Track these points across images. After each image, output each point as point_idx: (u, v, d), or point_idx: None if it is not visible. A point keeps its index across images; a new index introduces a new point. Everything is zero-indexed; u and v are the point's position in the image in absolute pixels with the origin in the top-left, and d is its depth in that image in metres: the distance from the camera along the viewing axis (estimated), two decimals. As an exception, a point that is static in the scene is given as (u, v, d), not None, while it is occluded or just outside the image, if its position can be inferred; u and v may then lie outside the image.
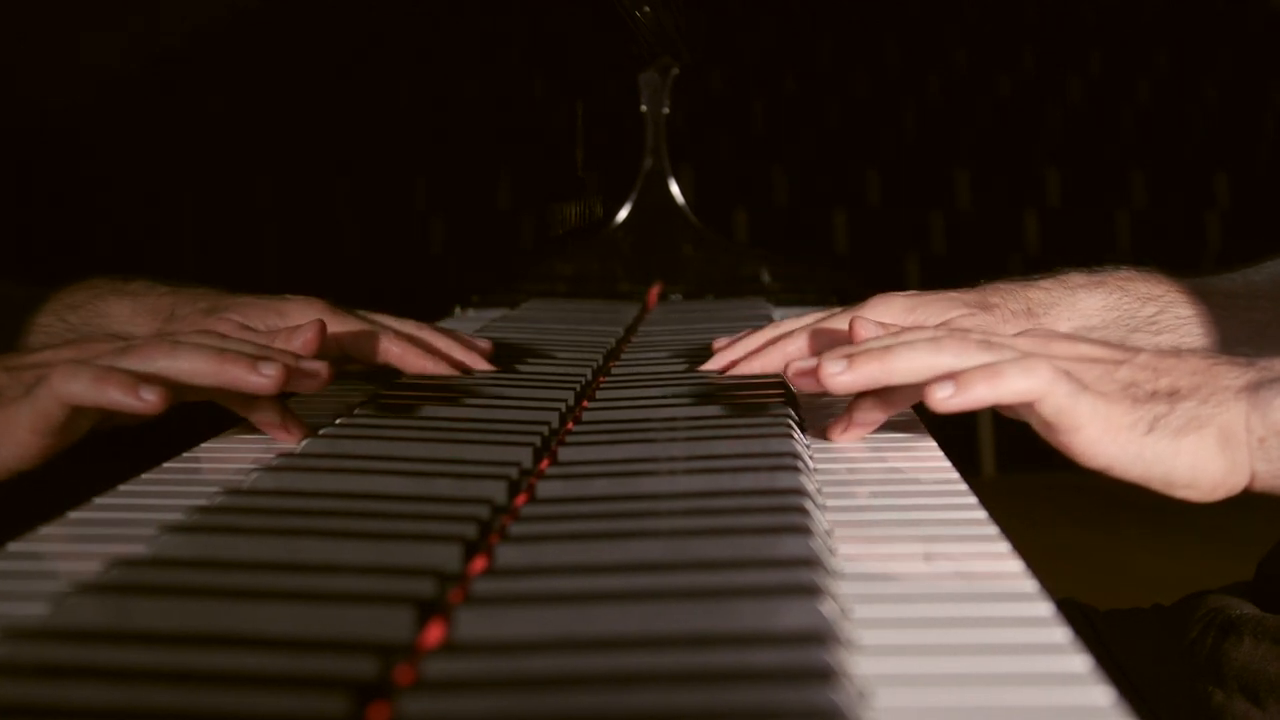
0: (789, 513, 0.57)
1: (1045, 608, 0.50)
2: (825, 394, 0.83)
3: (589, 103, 1.77)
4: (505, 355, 1.05)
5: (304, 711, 0.39)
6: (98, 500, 0.68)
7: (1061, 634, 0.47)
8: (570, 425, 0.82)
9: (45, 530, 0.63)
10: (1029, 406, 0.72)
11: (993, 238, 4.76)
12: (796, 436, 0.75)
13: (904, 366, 0.75)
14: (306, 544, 0.55)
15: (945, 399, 0.72)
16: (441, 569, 0.51)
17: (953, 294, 1.02)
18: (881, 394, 0.80)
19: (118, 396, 0.72)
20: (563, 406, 0.83)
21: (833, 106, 5.46)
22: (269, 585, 0.50)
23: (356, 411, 0.83)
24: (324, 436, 0.76)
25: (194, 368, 0.77)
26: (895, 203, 4.94)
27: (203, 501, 0.62)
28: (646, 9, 1.50)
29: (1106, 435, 0.71)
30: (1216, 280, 1.03)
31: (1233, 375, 0.73)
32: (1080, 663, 0.44)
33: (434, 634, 0.46)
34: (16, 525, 0.62)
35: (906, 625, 0.49)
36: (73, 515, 0.65)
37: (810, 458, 0.75)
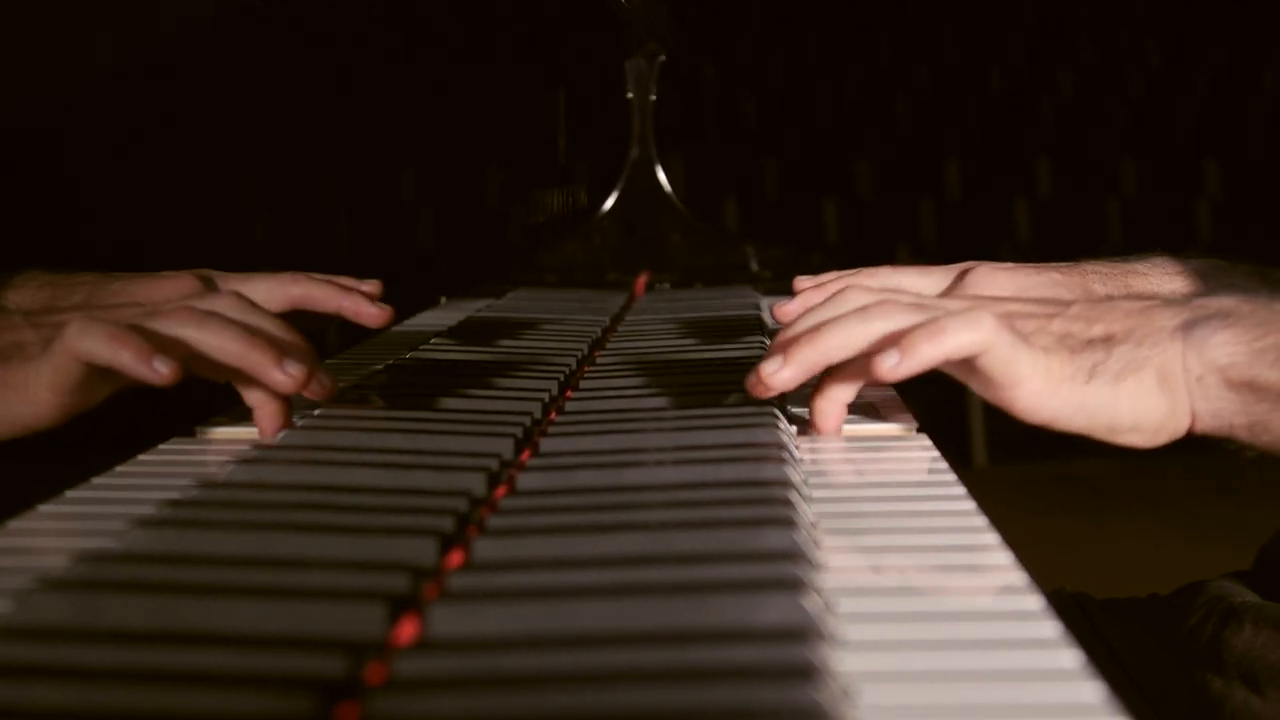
0: (773, 505, 0.56)
1: (1035, 601, 0.48)
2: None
3: (575, 90, 1.76)
4: (489, 345, 1.04)
5: (268, 712, 0.38)
6: (69, 494, 0.67)
7: (1051, 628, 0.46)
8: (553, 416, 0.81)
9: (14, 524, 0.61)
10: (969, 364, 0.71)
11: (983, 227, 4.76)
12: (782, 427, 0.74)
13: (837, 343, 0.74)
14: (279, 538, 0.53)
15: (893, 367, 0.70)
16: (416, 564, 0.50)
17: (1054, 274, 0.99)
18: (836, 375, 0.79)
19: (129, 360, 0.69)
20: (546, 397, 0.82)
21: (824, 96, 5.45)
22: (239, 581, 0.49)
23: (334, 402, 0.81)
24: (301, 428, 0.75)
25: (220, 345, 0.74)
26: (886, 193, 4.93)
27: (176, 495, 0.61)
28: (633, -5, 1.49)
29: (1048, 388, 0.70)
30: None
31: (1167, 316, 0.72)
32: (1070, 658, 0.43)
33: (407, 631, 0.44)
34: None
35: (892, 620, 0.48)
36: (43, 509, 0.64)
37: (796, 448, 0.74)
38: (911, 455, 0.75)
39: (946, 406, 4.03)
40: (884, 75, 5.60)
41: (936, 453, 0.74)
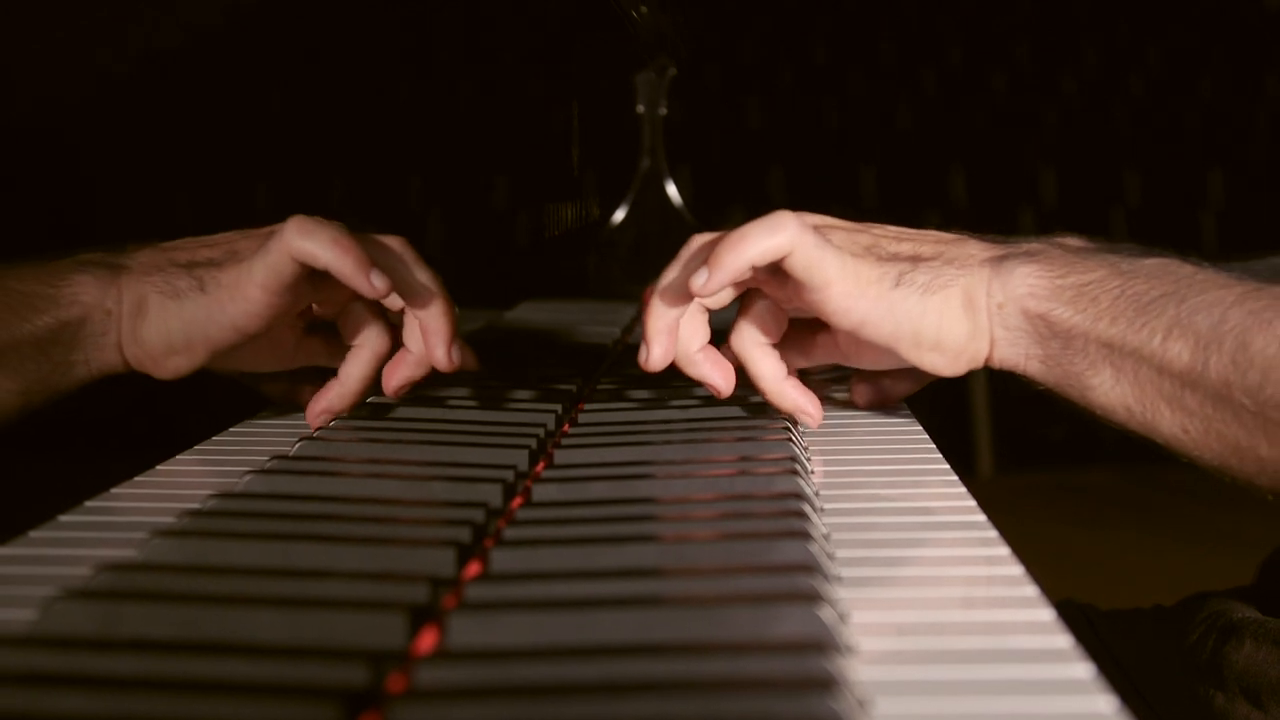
0: (787, 517, 0.57)
1: (1046, 613, 0.49)
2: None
3: (586, 102, 1.76)
4: (501, 356, 1.05)
5: (294, 721, 0.39)
6: (89, 503, 0.67)
7: (1063, 640, 0.46)
8: (566, 427, 0.82)
9: (35, 534, 0.62)
10: (782, 274, 0.73)
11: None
12: (794, 439, 0.75)
13: (665, 298, 0.77)
14: (299, 549, 0.54)
15: (704, 284, 0.73)
16: (435, 574, 0.50)
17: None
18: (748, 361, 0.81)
19: (350, 268, 0.71)
20: (559, 408, 0.83)
21: (829, 105, 5.46)
22: (260, 591, 0.49)
23: (351, 414, 0.82)
24: (317, 439, 0.76)
25: (422, 289, 0.76)
26: (892, 201, 4.93)
27: (195, 505, 0.61)
28: (643, 9, 1.50)
29: (856, 290, 0.73)
30: (1215, 265, 1.03)
31: (978, 247, 0.75)
32: (1083, 670, 0.44)
33: (427, 641, 0.45)
34: (6, 529, 0.61)
35: (906, 631, 0.48)
36: (63, 518, 0.65)
37: (808, 460, 0.74)
38: (922, 468, 0.76)
39: (952, 417, 4.03)
40: (889, 82, 5.60)
41: (946, 465, 0.75)
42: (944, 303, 0.73)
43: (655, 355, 0.77)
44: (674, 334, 0.78)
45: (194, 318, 0.72)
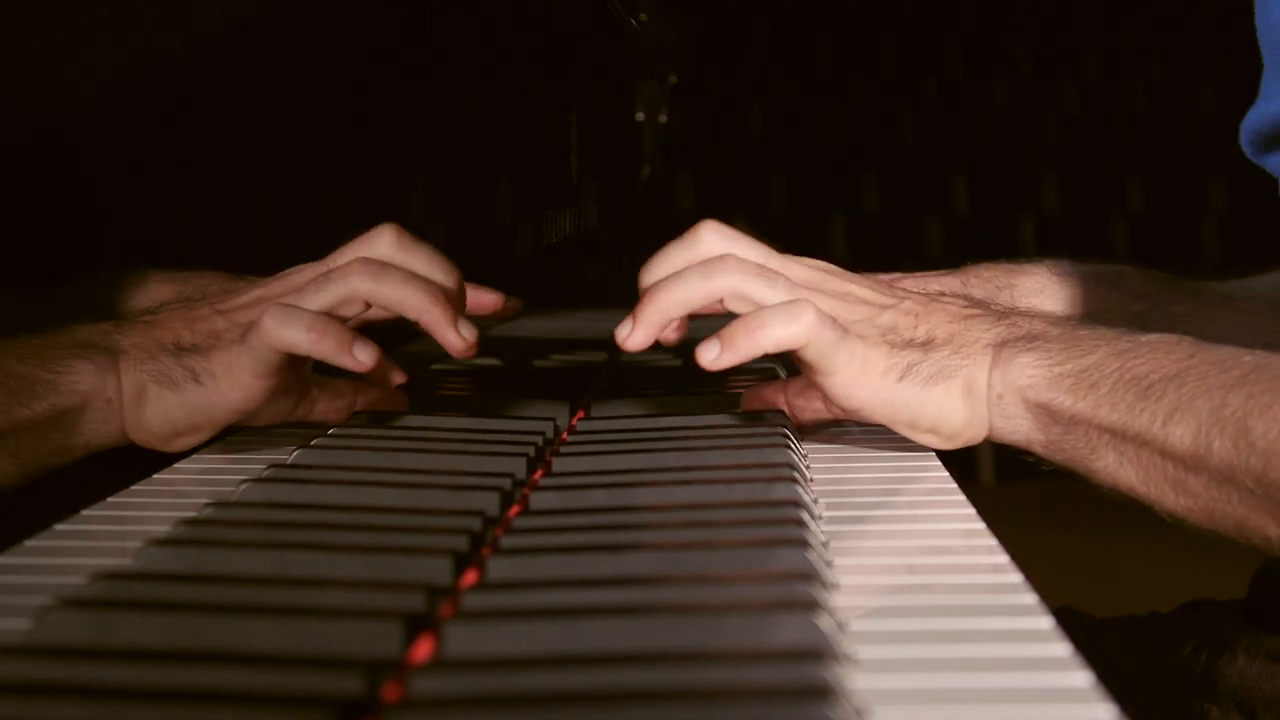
0: (785, 525, 0.57)
1: (1045, 621, 0.49)
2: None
3: (585, 109, 1.77)
4: (500, 364, 1.04)
5: (288, 730, 0.39)
6: (85, 512, 0.67)
7: (1062, 648, 0.46)
8: (565, 435, 0.82)
9: (31, 543, 0.62)
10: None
11: (991, 244, 4.73)
12: (793, 447, 0.75)
13: (677, 300, 0.77)
14: (295, 557, 0.54)
15: (713, 360, 0.74)
16: (432, 583, 0.50)
17: (931, 278, 1.02)
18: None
19: (330, 350, 0.72)
20: (557, 417, 0.83)
21: (830, 112, 5.46)
22: (256, 600, 0.49)
23: (349, 421, 0.82)
24: (314, 447, 0.75)
25: (401, 298, 0.76)
26: (894, 209, 4.94)
27: (191, 514, 0.61)
28: (644, 16, 1.50)
29: (861, 379, 0.74)
30: (1213, 284, 1.04)
31: (983, 327, 0.75)
32: (1082, 678, 0.43)
33: (423, 649, 0.45)
34: (2, 537, 0.61)
35: (904, 640, 0.48)
36: (59, 527, 0.64)
37: (807, 468, 0.74)
38: (921, 475, 0.76)
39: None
40: (890, 91, 5.60)
41: (946, 473, 0.75)
42: (945, 393, 0.73)
43: (636, 340, 0.78)
44: (661, 329, 0.78)
45: (195, 405, 0.74)
